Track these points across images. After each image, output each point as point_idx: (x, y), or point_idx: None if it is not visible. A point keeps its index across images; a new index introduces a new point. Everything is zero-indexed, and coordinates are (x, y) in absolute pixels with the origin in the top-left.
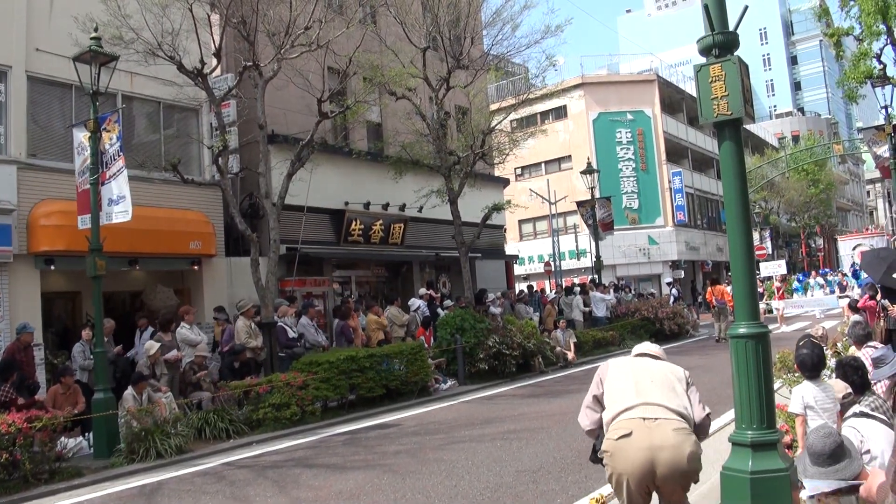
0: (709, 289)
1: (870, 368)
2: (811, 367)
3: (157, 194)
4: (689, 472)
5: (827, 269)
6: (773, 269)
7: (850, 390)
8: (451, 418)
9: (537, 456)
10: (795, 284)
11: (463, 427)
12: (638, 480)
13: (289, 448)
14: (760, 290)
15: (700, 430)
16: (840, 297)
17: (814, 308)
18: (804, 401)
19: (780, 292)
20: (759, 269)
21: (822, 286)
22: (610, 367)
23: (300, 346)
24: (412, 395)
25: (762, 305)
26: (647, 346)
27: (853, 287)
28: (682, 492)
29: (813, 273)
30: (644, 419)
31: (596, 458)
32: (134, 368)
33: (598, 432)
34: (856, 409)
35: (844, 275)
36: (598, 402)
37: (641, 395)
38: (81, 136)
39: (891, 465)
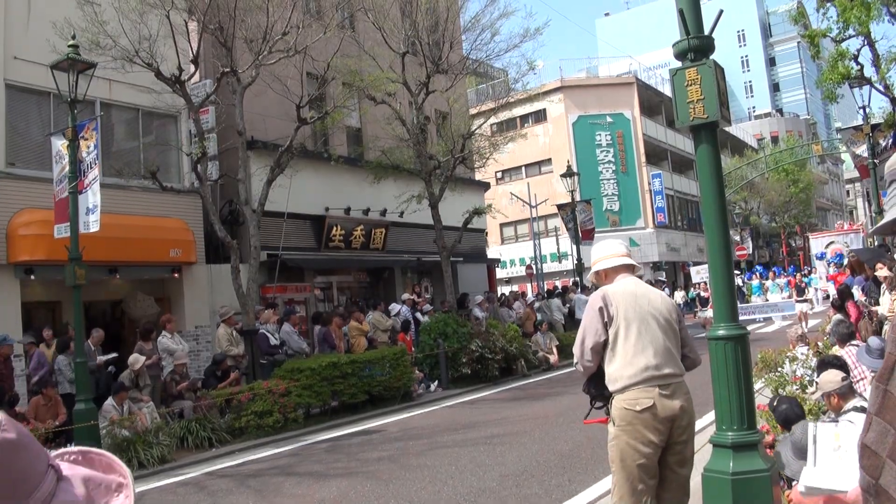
0: None
1: (857, 362)
2: (795, 418)
3: (137, 202)
4: (693, 426)
5: (792, 267)
6: (706, 274)
7: (843, 374)
8: (434, 423)
9: (520, 460)
10: (755, 283)
11: (446, 432)
12: (656, 450)
13: (271, 456)
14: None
15: (695, 364)
16: (798, 302)
17: (769, 313)
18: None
19: None
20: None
21: (779, 288)
22: (618, 313)
23: (282, 352)
24: (395, 400)
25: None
26: (616, 250)
27: (818, 288)
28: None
29: (771, 274)
30: (661, 386)
31: (596, 392)
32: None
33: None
34: (855, 402)
35: (804, 276)
36: (603, 348)
37: (658, 359)
38: (59, 145)
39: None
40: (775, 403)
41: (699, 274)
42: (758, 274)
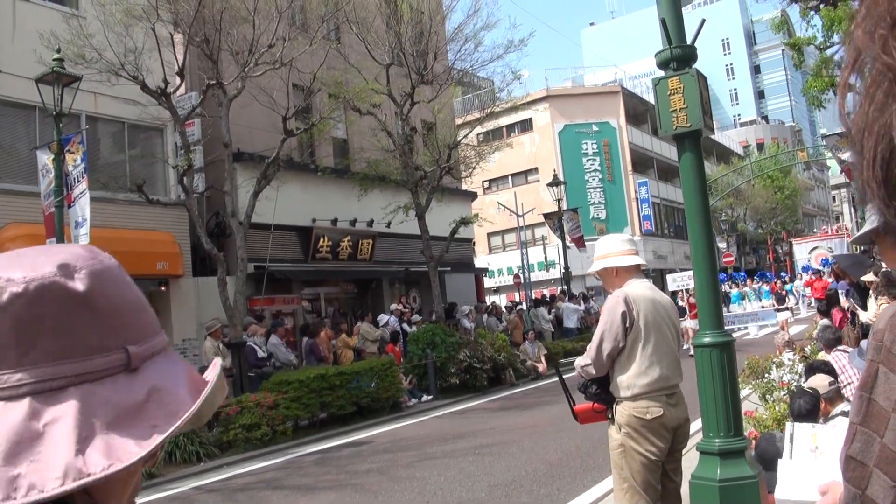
0: None
1: (846, 366)
2: (807, 414)
3: (123, 215)
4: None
5: (770, 273)
6: (683, 281)
7: (831, 378)
8: (423, 434)
9: (509, 470)
10: (734, 292)
11: (435, 443)
12: (661, 457)
13: (259, 469)
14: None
15: None
16: (778, 310)
17: (748, 323)
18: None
19: (696, 309)
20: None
21: (756, 295)
22: (639, 319)
23: (269, 365)
24: (384, 411)
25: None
26: (628, 248)
27: (803, 295)
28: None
29: (748, 281)
30: (668, 396)
31: (602, 395)
32: None
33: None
34: (843, 407)
35: (784, 283)
36: (617, 353)
37: (669, 370)
38: (46, 159)
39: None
40: (793, 396)
41: (675, 282)
42: (738, 282)
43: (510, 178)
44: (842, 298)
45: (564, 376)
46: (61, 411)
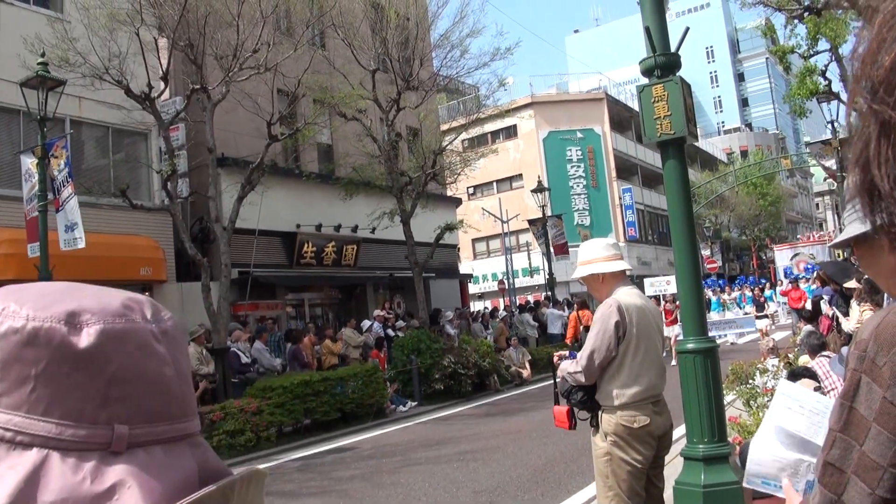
0: (573, 313)
1: (829, 372)
2: None
3: (106, 220)
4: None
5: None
6: (661, 286)
7: (816, 384)
8: (408, 440)
9: (494, 475)
10: (713, 299)
11: (419, 448)
12: (647, 464)
13: None
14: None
15: None
16: (758, 318)
17: (726, 332)
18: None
19: (672, 316)
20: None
21: (735, 302)
22: (630, 329)
23: (253, 370)
24: (368, 417)
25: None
26: (614, 252)
27: (781, 302)
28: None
29: (727, 288)
30: (653, 404)
31: (588, 402)
32: None
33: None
34: None
35: (761, 290)
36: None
37: (657, 378)
38: (29, 163)
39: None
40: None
41: (654, 286)
42: (717, 288)
43: (495, 184)
44: (824, 306)
45: (548, 382)
46: (10, 470)
